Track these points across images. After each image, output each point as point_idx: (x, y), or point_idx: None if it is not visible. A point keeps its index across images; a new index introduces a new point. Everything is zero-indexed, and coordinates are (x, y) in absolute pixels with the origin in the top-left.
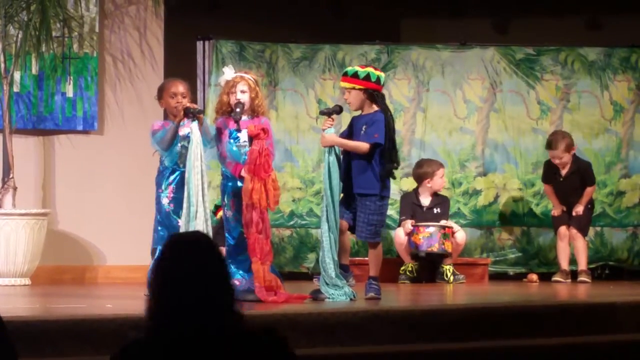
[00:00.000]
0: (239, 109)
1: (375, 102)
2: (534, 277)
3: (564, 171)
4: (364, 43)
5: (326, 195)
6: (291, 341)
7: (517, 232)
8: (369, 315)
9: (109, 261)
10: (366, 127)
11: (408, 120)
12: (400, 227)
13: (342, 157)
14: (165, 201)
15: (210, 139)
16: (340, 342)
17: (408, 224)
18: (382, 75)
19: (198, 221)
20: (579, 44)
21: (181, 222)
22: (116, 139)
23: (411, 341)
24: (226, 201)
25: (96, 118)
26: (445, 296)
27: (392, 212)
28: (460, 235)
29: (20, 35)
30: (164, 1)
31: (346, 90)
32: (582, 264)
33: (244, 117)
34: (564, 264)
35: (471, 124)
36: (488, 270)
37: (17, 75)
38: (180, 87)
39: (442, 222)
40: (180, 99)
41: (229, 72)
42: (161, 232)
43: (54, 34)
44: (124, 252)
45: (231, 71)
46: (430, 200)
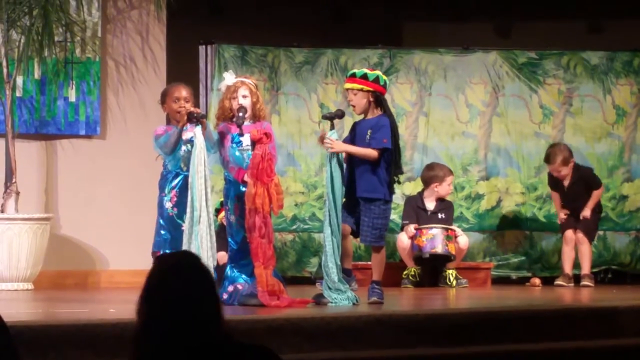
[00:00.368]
0: (241, 113)
1: (380, 106)
2: (537, 281)
3: (566, 182)
4: (366, 47)
5: (329, 200)
6: (294, 346)
7: (520, 236)
8: (372, 320)
9: (112, 265)
10: (372, 131)
11: (410, 124)
12: (403, 232)
13: (344, 161)
14: (168, 205)
15: (214, 143)
16: (342, 347)
17: (411, 227)
18: (387, 80)
19: (202, 225)
20: (581, 48)
21: (185, 226)
22: (119, 144)
23: (414, 345)
24: (229, 206)
25: (99, 123)
26: (448, 300)
27: (394, 216)
28: (463, 240)
29: (22, 40)
30: (166, 6)
31: (351, 92)
32: (586, 268)
33: (246, 122)
34: (567, 268)
35: (474, 128)
36: (491, 275)
37: (20, 80)
38: (183, 91)
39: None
40: (183, 103)
41: (229, 77)
42: (163, 236)
43: (56, 38)
44: (127, 257)
45: (232, 76)
46: (435, 205)
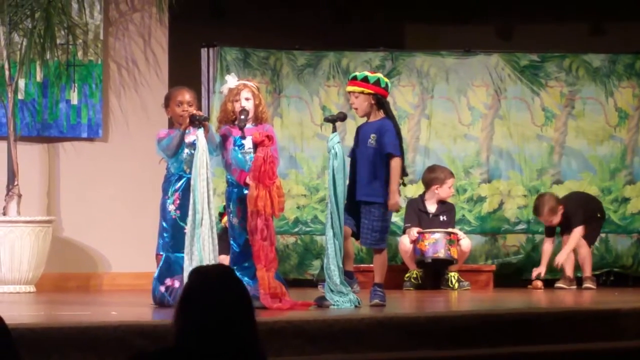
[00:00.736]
0: (243, 116)
1: (382, 108)
2: (539, 283)
3: (558, 225)
4: (368, 50)
5: (331, 202)
6: (296, 348)
7: (522, 238)
8: (374, 322)
9: (114, 268)
10: (377, 136)
11: (412, 127)
12: (405, 235)
13: (347, 163)
14: (171, 207)
15: (216, 146)
16: (345, 349)
17: (413, 231)
18: (389, 82)
19: (204, 228)
20: (583, 50)
21: (187, 228)
22: (121, 146)
23: (416, 348)
24: (232, 208)
25: (101, 125)
26: (450, 303)
27: (396, 219)
28: (465, 243)
29: (24, 43)
30: (168, 8)
31: (353, 95)
32: (587, 270)
33: (248, 125)
34: (568, 270)
35: (476, 131)
36: (493, 277)
37: (22, 83)
38: (187, 95)
39: (448, 229)
40: (186, 107)
41: (231, 80)
42: (166, 239)
43: (58, 41)
44: (129, 259)
45: (234, 79)
46: (437, 208)
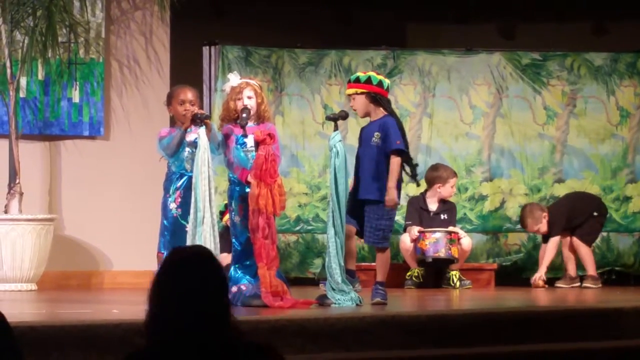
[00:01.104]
0: (245, 114)
1: (380, 106)
2: (541, 282)
3: (546, 232)
4: (370, 48)
5: (332, 200)
6: (297, 346)
7: (524, 237)
8: (375, 321)
9: (115, 266)
10: (380, 134)
11: (414, 125)
12: (406, 233)
13: (349, 161)
14: (172, 206)
15: (218, 144)
16: (346, 348)
17: (414, 230)
18: (385, 79)
19: (205, 226)
20: (585, 49)
21: (189, 227)
22: (122, 144)
23: (417, 346)
24: (234, 207)
25: (102, 123)
26: (452, 301)
27: (398, 217)
28: (466, 242)
29: (26, 41)
30: (170, 7)
31: (351, 98)
32: (590, 269)
33: (250, 123)
34: (569, 269)
35: (477, 130)
36: (494, 276)
37: (24, 81)
38: (189, 94)
39: (449, 228)
40: (188, 106)
41: (234, 79)
42: (167, 237)
43: (60, 39)
44: (130, 258)
45: (236, 77)
46: (438, 206)
